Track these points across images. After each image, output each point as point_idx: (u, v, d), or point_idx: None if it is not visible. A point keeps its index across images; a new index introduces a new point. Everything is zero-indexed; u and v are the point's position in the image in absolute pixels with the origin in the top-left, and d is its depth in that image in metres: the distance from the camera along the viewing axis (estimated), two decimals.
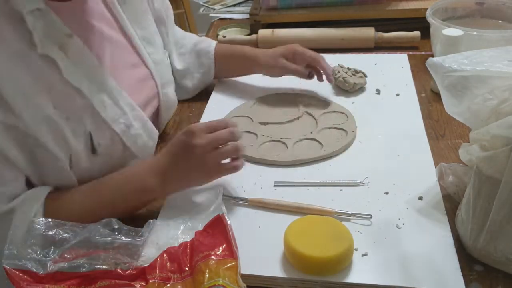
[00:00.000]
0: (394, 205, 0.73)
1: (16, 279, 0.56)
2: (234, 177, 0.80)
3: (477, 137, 0.61)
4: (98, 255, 0.60)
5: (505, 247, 0.60)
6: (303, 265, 0.63)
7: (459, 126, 0.89)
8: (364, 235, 0.68)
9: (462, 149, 0.65)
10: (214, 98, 1.04)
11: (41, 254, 0.59)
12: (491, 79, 0.58)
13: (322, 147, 0.85)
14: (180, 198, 0.76)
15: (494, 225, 0.60)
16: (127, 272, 0.61)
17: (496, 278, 0.62)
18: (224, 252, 0.60)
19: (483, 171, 0.59)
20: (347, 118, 0.92)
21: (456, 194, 0.72)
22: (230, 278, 0.57)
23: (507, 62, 0.59)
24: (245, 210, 0.74)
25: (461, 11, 1.11)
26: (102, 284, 0.59)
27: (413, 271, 0.62)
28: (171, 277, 0.60)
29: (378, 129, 0.89)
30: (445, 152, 0.83)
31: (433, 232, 0.68)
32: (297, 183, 0.78)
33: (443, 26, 0.98)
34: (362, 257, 0.65)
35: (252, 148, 0.86)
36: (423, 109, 0.94)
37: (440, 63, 0.62)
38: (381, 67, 1.09)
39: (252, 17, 1.29)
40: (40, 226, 0.60)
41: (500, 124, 0.56)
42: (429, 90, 1.01)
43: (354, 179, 0.77)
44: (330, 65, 0.99)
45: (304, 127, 0.91)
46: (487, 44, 0.89)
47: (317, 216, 0.68)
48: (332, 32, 1.21)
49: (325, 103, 0.98)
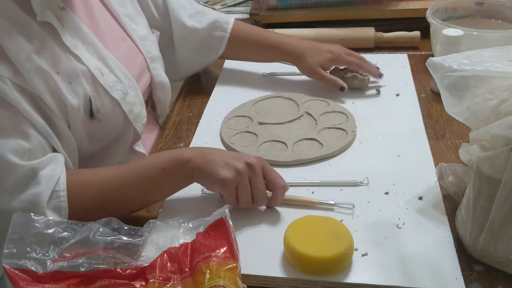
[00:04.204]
0: (394, 205, 0.73)
1: (16, 278, 0.56)
2: None
3: (477, 137, 0.61)
4: (97, 255, 0.60)
5: (505, 247, 0.60)
6: (303, 265, 0.63)
7: (459, 126, 0.89)
8: (364, 235, 0.68)
9: (462, 149, 0.65)
10: (214, 98, 1.04)
11: (41, 253, 0.59)
12: (491, 79, 0.58)
13: (322, 147, 0.85)
14: (180, 198, 0.76)
15: (494, 225, 0.60)
16: (127, 271, 0.60)
17: (496, 278, 0.62)
18: (225, 254, 0.60)
19: (483, 171, 0.59)
20: (347, 118, 0.92)
21: (456, 194, 0.71)
22: (230, 279, 0.57)
23: (507, 62, 0.59)
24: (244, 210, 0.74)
25: (461, 11, 1.11)
26: (101, 283, 0.58)
27: (413, 271, 0.62)
28: (171, 278, 0.60)
29: (378, 129, 0.89)
30: (445, 152, 0.83)
31: (433, 232, 0.68)
32: (297, 183, 0.78)
33: (443, 26, 0.98)
34: (362, 257, 0.65)
35: (252, 148, 0.86)
36: (423, 109, 0.94)
37: (440, 63, 0.62)
38: (381, 67, 1.09)
39: (252, 17, 1.29)
40: (39, 225, 0.60)
41: (500, 124, 0.56)
42: (429, 90, 1.01)
43: (354, 179, 0.77)
44: (371, 64, 1.02)
45: (304, 127, 0.91)
46: (487, 44, 0.89)
47: (317, 216, 0.68)
48: (332, 32, 1.21)
49: (325, 103, 0.97)
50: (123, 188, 0.70)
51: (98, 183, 0.70)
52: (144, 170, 0.71)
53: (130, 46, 0.87)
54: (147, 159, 0.78)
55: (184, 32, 1.02)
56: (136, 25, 0.89)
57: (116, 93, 0.77)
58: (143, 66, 0.89)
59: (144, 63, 0.89)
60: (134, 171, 0.71)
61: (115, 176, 0.71)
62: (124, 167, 0.72)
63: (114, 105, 0.78)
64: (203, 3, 1.53)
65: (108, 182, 0.70)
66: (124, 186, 0.70)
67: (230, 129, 0.92)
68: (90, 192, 0.69)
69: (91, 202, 0.69)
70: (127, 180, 0.70)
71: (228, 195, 0.70)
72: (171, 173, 0.70)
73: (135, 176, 0.71)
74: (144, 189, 0.71)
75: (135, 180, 0.70)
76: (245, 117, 0.96)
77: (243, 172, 0.68)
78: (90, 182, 0.70)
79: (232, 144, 0.87)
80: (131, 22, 0.88)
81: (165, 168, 0.70)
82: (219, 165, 0.69)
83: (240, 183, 0.69)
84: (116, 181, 0.70)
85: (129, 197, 0.71)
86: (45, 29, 0.70)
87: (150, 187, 0.71)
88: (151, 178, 0.70)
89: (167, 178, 0.71)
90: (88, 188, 0.69)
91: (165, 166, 0.70)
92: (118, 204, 0.70)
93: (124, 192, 0.70)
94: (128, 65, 0.82)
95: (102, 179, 0.70)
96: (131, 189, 0.70)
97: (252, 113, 0.96)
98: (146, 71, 0.90)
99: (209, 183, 0.71)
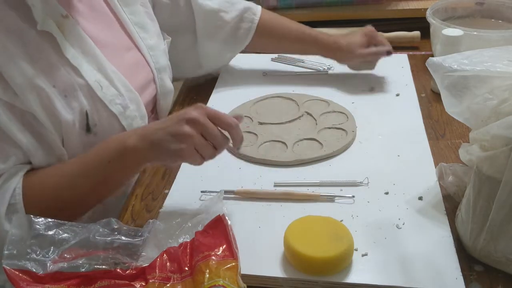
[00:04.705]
0: (394, 205, 0.73)
1: (16, 279, 0.56)
2: (234, 177, 0.80)
3: (477, 137, 0.61)
4: (97, 255, 0.60)
5: (505, 247, 0.60)
6: (303, 265, 0.63)
7: (459, 126, 0.89)
8: (364, 235, 0.68)
9: (462, 149, 0.65)
10: (214, 98, 1.04)
11: (41, 255, 0.59)
12: (491, 79, 0.58)
13: (322, 147, 0.85)
14: (180, 198, 0.76)
15: (494, 225, 0.60)
16: (127, 272, 0.60)
17: (496, 278, 0.62)
18: (224, 252, 0.60)
19: (483, 171, 0.59)
20: (347, 118, 0.92)
21: (456, 194, 0.71)
22: (230, 279, 0.57)
23: (507, 62, 0.59)
24: (244, 210, 0.74)
25: (461, 11, 1.11)
26: (101, 284, 0.59)
27: (413, 271, 0.62)
28: (171, 277, 0.60)
29: (378, 129, 0.89)
30: (445, 152, 0.83)
31: (433, 232, 0.68)
32: (297, 183, 0.78)
33: (443, 26, 0.98)
34: (362, 257, 0.65)
35: (252, 148, 0.86)
36: (423, 109, 0.94)
37: (440, 63, 0.62)
38: (381, 67, 1.09)
39: None
40: (39, 226, 0.60)
41: (500, 124, 0.56)
42: (429, 90, 1.01)
43: (354, 179, 0.77)
44: None
45: (304, 127, 0.91)
46: (487, 44, 0.89)
47: (317, 216, 0.68)
48: (332, 32, 1.21)
49: (325, 103, 0.97)
50: (75, 187, 0.69)
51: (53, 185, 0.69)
52: (92, 166, 0.69)
53: (137, 57, 0.86)
54: (93, 152, 0.71)
55: (211, 22, 1.00)
56: (145, 33, 0.87)
57: (115, 107, 0.76)
58: (149, 77, 0.87)
59: (150, 74, 0.88)
60: (82, 167, 0.70)
61: (67, 175, 0.70)
62: (75, 164, 0.70)
63: (112, 119, 0.76)
64: None
65: (62, 183, 0.70)
66: (76, 184, 0.69)
67: None
68: (47, 195, 0.69)
69: (46, 206, 0.68)
70: (77, 178, 0.69)
71: (192, 161, 0.67)
72: (119, 165, 0.68)
73: (84, 173, 0.69)
74: (95, 183, 0.69)
75: (85, 178, 0.69)
76: (245, 117, 0.95)
77: (191, 132, 0.64)
78: (46, 185, 0.69)
79: None
80: (141, 30, 0.86)
81: (112, 162, 0.68)
82: (166, 141, 0.65)
83: (195, 143, 0.65)
84: (69, 180, 0.70)
85: (83, 194, 0.70)
86: (44, 39, 0.69)
87: (102, 180, 0.70)
88: (101, 172, 0.69)
89: (117, 171, 0.69)
90: (44, 192, 0.69)
91: (111, 159, 0.68)
92: (74, 202, 0.70)
93: (77, 191, 0.69)
94: (131, 76, 0.80)
95: (58, 179, 0.70)
96: (83, 187, 0.69)
97: (252, 113, 0.96)
98: (152, 83, 0.88)
99: (167, 161, 0.69)
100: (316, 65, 1.12)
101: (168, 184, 0.81)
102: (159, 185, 0.82)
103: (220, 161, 0.84)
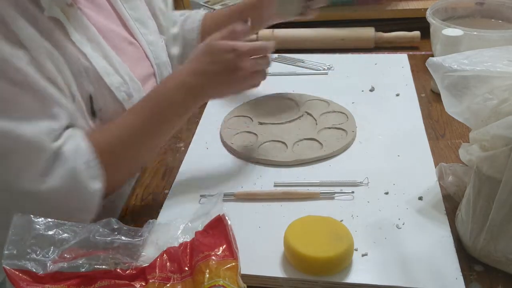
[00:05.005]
0: (394, 205, 0.73)
1: (16, 279, 0.56)
2: (234, 177, 0.80)
3: (477, 137, 0.61)
4: (97, 255, 0.60)
5: (505, 247, 0.60)
6: (303, 265, 0.63)
7: (459, 126, 0.89)
8: (364, 235, 0.68)
9: (462, 149, 0.65)
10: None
11: (41, 255, 0.59)
12: (491, 79, 0.58)
13: (322, 147, 0.85)
14: (180, 199, 0.76)
15: (494, 225, 0.60)
16: (127, 272, 0.60)
17: (496, 278, 0.62)
18: (224, 252, 0.60)
19: (483, 171, 0.59)
20: (347, 118, 0.92)
21: (456, 194, 0.72)
22: (230, 279, 0.57)
23: (507, 62, 0.59)
24: (244, 210, 0.74)
25: (461, 11, 1.11)
26: (101, 284, 0.58)
27: (413, 271, 0.62)
28: (171, 277, 0.60)
29: (378, 129, 0.89)
30: (445, 152, 0.83)
31: (433, 232, 0.68)
32: (297, 183, 0.78)
33: (443, 26, 0.98)
34: (362, 257, 0.65)
35: (252, 148, 0.86)
36: (423, 109, 0.94)
37: (440, 63, 0.62)
38: (381, 67, 1.09)
39: None
40: (39, 226, 0.60)
41: (500, 124, 0.56)
42: (429, 90, 1.01)
43: (354, 179, 0.77)
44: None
45: (304, 127, 0.91)
46: (487, 44, 0.89)
47: (317, 216, 0.68)
48: (332, 32, 1.21)
49: (325, 103, 0.97)
50: (144, 132, 0.73)
51: (118, 136, 0.72)
52: (157, 111, 0.73)
53: (137, 50, 0.87)
54: (156, 95, 0.76)
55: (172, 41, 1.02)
56: (145, 29, 0.88)
57: (119, 94, 0.77)
58: (150, 71, 0.89)
59: (151, 68, 0.89)
60: (149, 111, 0.73)
61: (133, 122, 0.73)
62: (138, 114, 0.73)
63: (117, 106, 0.78)
64: (203, 3, 1.53)
65: (129, 130, 0.72)
66: (144, 128, 0.73)
67: (230, 129, 0.92)
68: (117, 147, 0.72)
69: (119, 154, 0.72)
70: (144, 123, 0.72)
71: (252, 81, 0.76)
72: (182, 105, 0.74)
73: (151, 116, 0.73)
74: (161, 123, 0.73)
75: (153, 119, 0.72)
76: (245, 117, 0.96)
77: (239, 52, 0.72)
78: (112, 137, 0.72)
79: (232, 144, 0.87)
80: (141, 26, 0.88)
81: (176, 100, 0.73)
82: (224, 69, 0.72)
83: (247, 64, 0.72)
84: (135, 125, 0.72)
85: (150, 135, 0.73)
86: (53, 24, 0.70)
87: (166, 120, 0.73)
88: (167, 112, 0.73)
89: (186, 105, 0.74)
90: (114, 144, 0.72)
91: (173, 101, 0.72)
92: (144, 146, 0.73)
93: (144, 134, 0.73)
94: (133, 67, 0.82)
95: (122, 131, 0.72)
96: (149, 133, 0.73)
97: (252, 113, 0.96)
98: (152, 77, 0.89)
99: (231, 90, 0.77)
100: (316, 65, 1.12)
101: (168, 184, 0.81)
102: (159, 185, 0.82)
103: (220, 161, 0.84)
